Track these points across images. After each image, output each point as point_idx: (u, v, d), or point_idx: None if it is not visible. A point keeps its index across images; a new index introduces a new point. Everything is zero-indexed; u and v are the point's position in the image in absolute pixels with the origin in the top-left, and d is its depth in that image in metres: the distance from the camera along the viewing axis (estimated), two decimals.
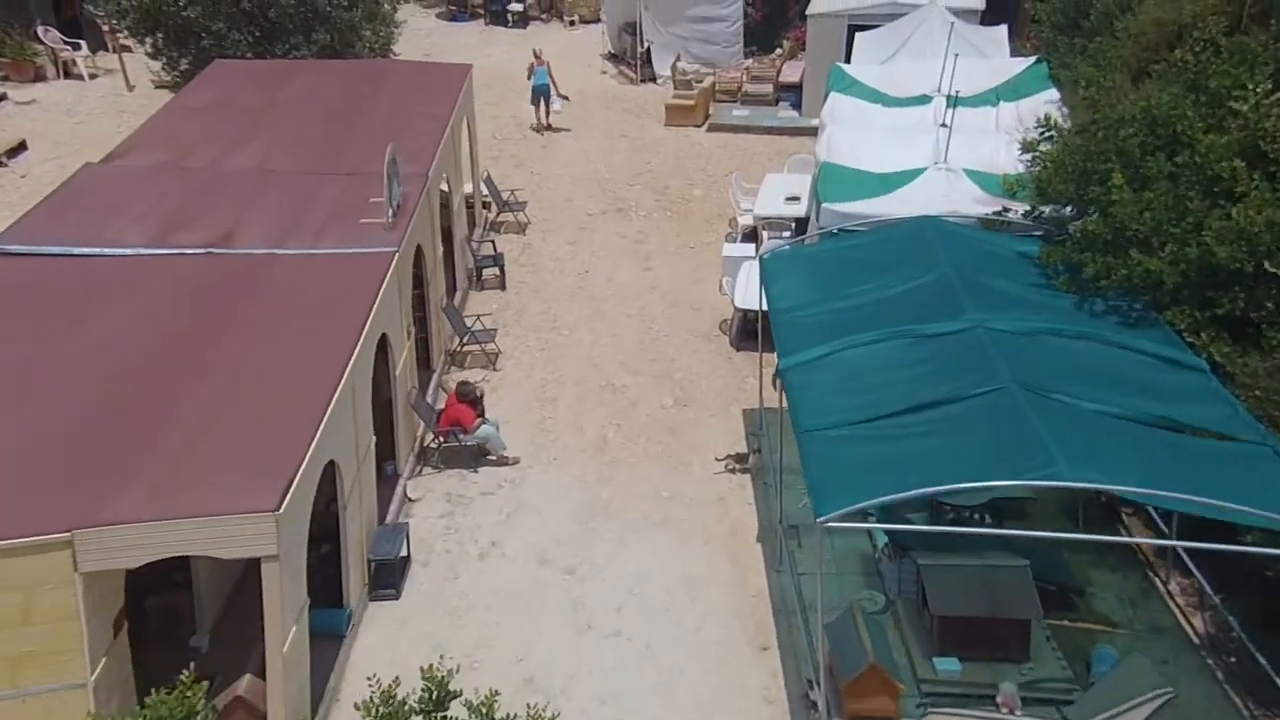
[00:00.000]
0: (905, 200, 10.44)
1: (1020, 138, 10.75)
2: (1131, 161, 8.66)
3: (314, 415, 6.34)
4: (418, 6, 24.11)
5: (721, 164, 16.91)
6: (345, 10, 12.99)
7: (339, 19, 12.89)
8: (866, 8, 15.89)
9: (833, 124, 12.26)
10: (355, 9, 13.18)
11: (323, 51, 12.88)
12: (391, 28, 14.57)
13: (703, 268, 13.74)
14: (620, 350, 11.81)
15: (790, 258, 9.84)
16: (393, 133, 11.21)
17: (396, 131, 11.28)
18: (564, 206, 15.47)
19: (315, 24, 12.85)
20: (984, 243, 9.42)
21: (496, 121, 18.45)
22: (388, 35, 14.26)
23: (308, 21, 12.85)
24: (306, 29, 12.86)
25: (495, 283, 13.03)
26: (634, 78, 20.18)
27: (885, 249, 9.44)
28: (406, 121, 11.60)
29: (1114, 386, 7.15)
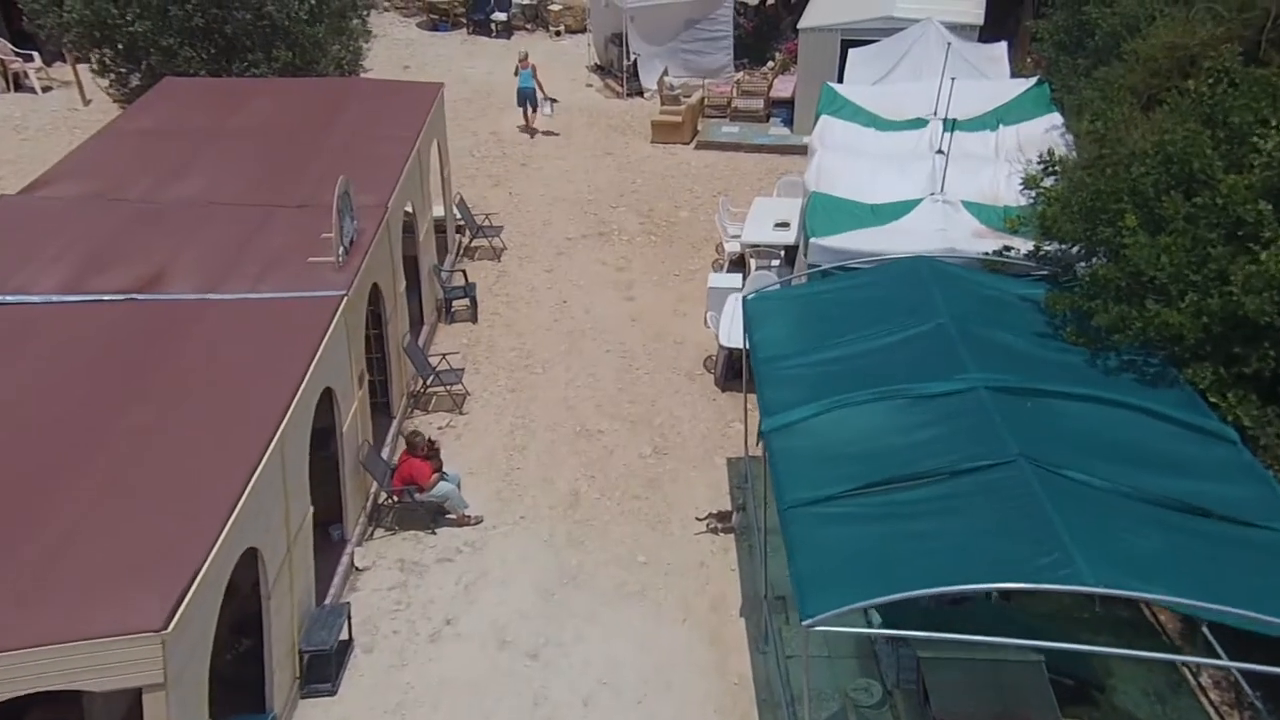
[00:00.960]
0: (900, 234, 9.71)
1: (1022, 168, 10.06)
2: (1145, 201, 7.96)
3: (228, 498, 5.56)
4: (397, 16, 23.37)
5: (709, 184, 16.18)
6: (308, 25, 12.25)
7: (301, 34, 12.15)
8: (860, 22, 15.19)
9: (822, 150, 11.53)
10: (319, 24, 12.42)
11: (284, 69, 12.13)
12: (361, 42, 13.81)
13: (688, 298, 13.00)
14: (597, 391, 11.05)
15: (776, 300, 9.10)
16: (353, 158, 10.48)
17: (358, 157, 10.54)
18: (542, 230, 14.72)
19: (275, 40, 12.09)
20: (984, 286, 8.68)
21: (475, 138, 17.70)
22: (356, 51, 13.50)
23: (267, 37, 12.08)
24: (266, 45, 12.10)
25: (466, 315, 12.27)
26: (620, 91, 19.45)
27: (878, 292, 8.71)
28: (369, 145, 10.84)
29: (1132, 460, 6.43)
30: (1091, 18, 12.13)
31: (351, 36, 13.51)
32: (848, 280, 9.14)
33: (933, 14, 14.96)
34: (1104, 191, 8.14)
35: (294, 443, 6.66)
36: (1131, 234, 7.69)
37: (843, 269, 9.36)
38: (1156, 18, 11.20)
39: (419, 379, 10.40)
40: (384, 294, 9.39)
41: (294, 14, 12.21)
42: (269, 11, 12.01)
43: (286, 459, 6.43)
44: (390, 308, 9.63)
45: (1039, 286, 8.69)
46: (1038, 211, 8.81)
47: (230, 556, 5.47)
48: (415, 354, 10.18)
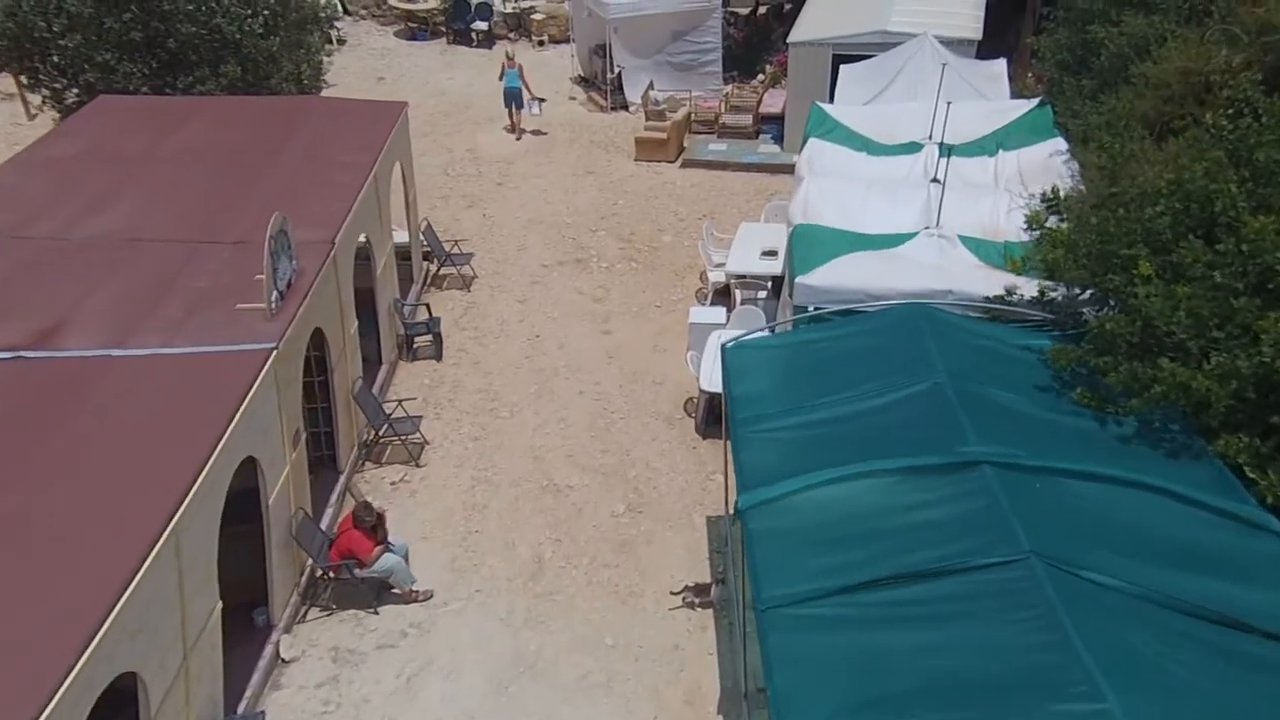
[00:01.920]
0: (892, 272, 8.88)
1: (1024, 201, 9.25)
2: (1161, 246, 7.16)
3: (93, 614, 4.67)
4: (374, 24, 22.52)
5: (695, 205, 15.36)
6: (260, 39, 11.40)
7: (253, 49, 11.30)
8: (852, 36, 14.38)
9: (810, 176, 10.70)
10: (273, 37, 11.57)
11: (234, 86, 11.29)
12: (321, 56, 12.95)
13: (668, 332, 12.17)
14: (568, 438, 10.20)
15: (757, 349, 8.27)
16: (302, 186, 9.65)
17: (307, 185, 9.71)
18: (516, 257, 13.87)
19: (224, 54, 11.24)
20: (983, 337, 7.87)
21: (450, 155, 16.86)
22: (316, 66, 12.64)
23: (215, 52, 11.23)
24: (214, 60, 11.25)
25: (430, 352, 11.42)
26: (604, 105, 18.63)
27: (869, 342, 7.90)
28: (321, 172, 10.00)
29: (1159, 557, 5.60)
30: (1097, 37, 11.32)
31: (311, 51, 12.64)
32: (836, 328, 8.31)
33: (928, 28, 14.17)
34: (1115, 234, 7.34)
35: (197, 529, 5.80)
36: (1145, 282, 6.90)
37: (831, 315, 8.56)
38: (1168, 39, 10.40)
39: (371, 429, 9.53)
40: (329, 339, 8.54)
41: (246, 27, 11.35)
42: (218, 24, 11.17)
43: (185, 551, 5.57)
44: (337, 353, 8.78)
45: (1043, 337, 7.90)
46: (1041, 252, 8.01)
47: (94, 685, 4.59)
48: (367, 401, 9.32)
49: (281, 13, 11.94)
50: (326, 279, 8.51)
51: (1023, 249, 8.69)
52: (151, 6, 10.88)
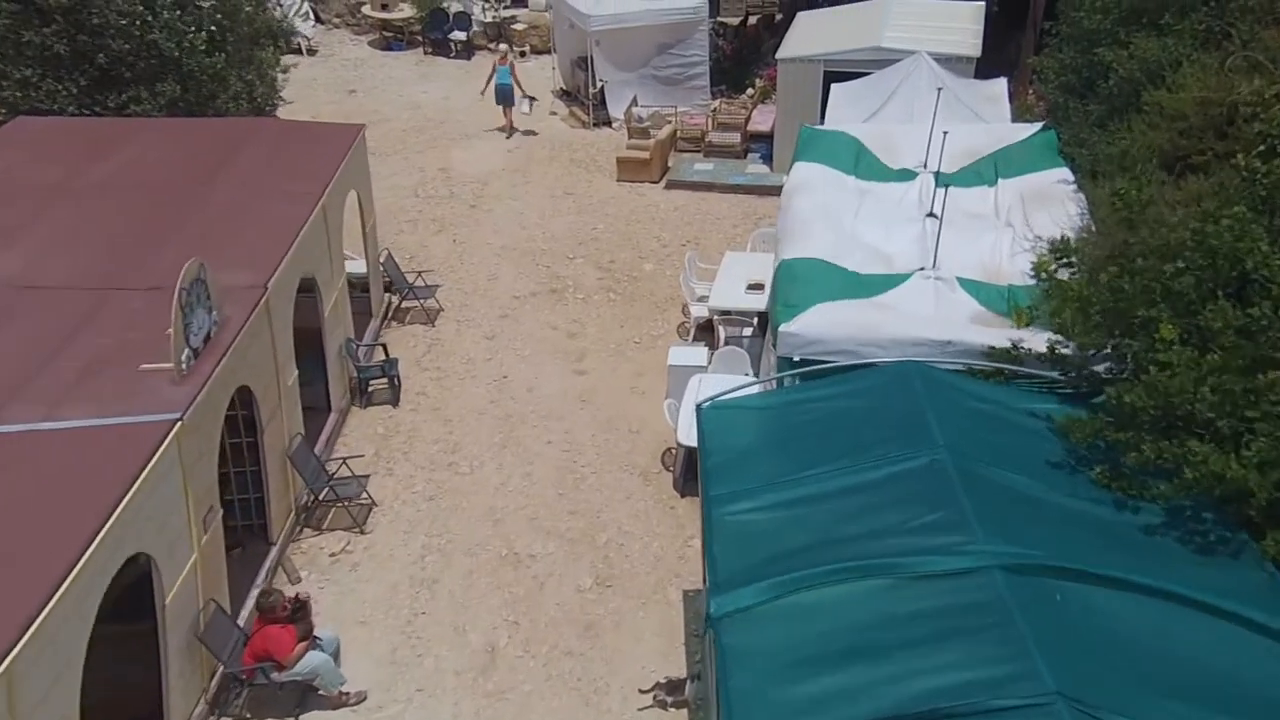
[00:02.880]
0: (884, 321, 7.97)
1: (1028, 243, 8.36)
2: (1185, 307, 6.29)
3: None
4: (348, 33, 21.58)
5: (679, 230, 14.45)
6: (204, 55, 10.48)
7: (195, 66, 10.36)
8: (845, 53, 13.50)
9: (795, 207, 9.81)
10: (219, 53, 10.64)
11: (173, 106, 10.38)
12: (276, 73, 12.02)
13: (647, 372, 11.25)
14: (533, 497, 9.27)
15: (735, 412, 7.38)
16: (237, 221, 8.73)
17: (243, 219, 8.79)
18: (487, 287, 12.94)
19: (162, 72, 10.32)
20: (986, 402, 7.01)
21: (421, 175, 15.93)
22: (269, 84, 11.70)
23: (151, 69, 10.31)
24: (150, 78, 10.33)
25: (385, 396, 10.49)
26: (586, 120, 17.73)
27: (859, 405, 7.04)
28: (262, 204, 9.08)
29: (1204, 695, 4.72)
30: (1104, 59, 10.43)
31: (263, 68, 11.69)
32: (823, 389, 7.43)
33: (925, 44, 13.31)
34: (1132, 293, 6.47)
35: (64, 640, 4.86)
36: (1168, 350, 6.03)
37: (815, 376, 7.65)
38: (1183, 64, 9.52)
39: (310, 493, 8.57)
40: (259, 396, 7.60)
41: (187, 43, 10.41)
42: (154, 40, 10.23)
43: (36, 681, 4.62)
44: (270, 411, 7.84)
45: (1052, 400, 7.04)
46: (1050, 308, 7.12)
47: None
48: (306, 462, 8.37)
49: (229, 26, 11.00)
50: (256, 330, 7.59)
51: (1028, 294, 7.81)
52: (78, 19, 9.92)
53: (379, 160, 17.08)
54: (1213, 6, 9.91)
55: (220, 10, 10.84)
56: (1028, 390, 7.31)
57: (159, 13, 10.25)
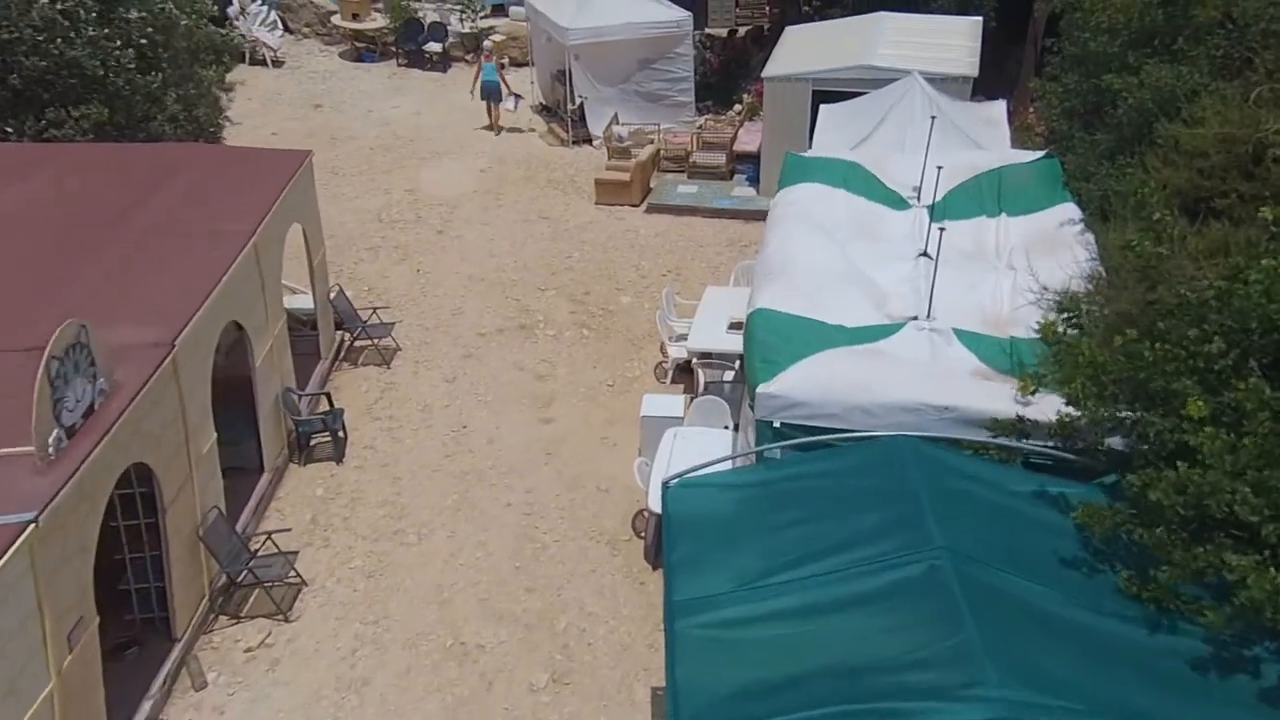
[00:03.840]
0: (874, 383, 7.02)
1: (1033, 292, 7.43)
2: (1214, 379, 5.38)
3: None
4: (317, 44, 20.61)
5: (659, 258, 13.50)
6: (136, 74, 9.50)
7: (125, 85, 9.38)
8: (835, 71, 12.57)
9: (776, 242, 8.87)
10: (153, 72, 9.66)
11: (100, 130, 9.41)
12: (219, 92, 11.02)
13: (620, 419, 10.30)
14: (486, 572, 8.29)
15: (706, 492, 6.41)
16: (151, 265, 7.75)
17: (158, 262, 7.82)
18: (450, 322, 11.97)
19: (86, 92, 9.35)
20: (989, 486, 6.08)
21: (386, 198, 14.96)
22: (212, 105, 10.70)
23: (74, 89, 9.34)
24: (72, 98, 9.35)
25: (328, 451, 9.49)
26: (565, 138, 16.79)
27: (845, 493, 6.13)
28: (181, 244, 8.10)
29: None
30: (1112, 86, 9.49)
31: (203, 87, 10.70)
32: (805, 466, 6.48)
33: (919, 63, 12.39)
34: (1151, 362, 5.55)
35: None
36: (1198, 433, 5.13)
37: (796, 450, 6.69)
38: (1201, 94, 8.59)
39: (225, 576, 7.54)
40: (160, 473, 6.61)
41: (114, 60, 9.43)
42: (76, 58, 9.25)
43: None
44: (175, 487, 6.85)
45: (1065, 482, 6.12)
46: (1059, 374, 6.18)
47: None
48: (221, 541, 7.35)
49: (164, 43, 10.02)
50: (158, 396, 6.60)
51: (1032, 348, 6.86)
52: None
53: (342, 181, 16.14)
54: (1231, 31, 9.00)
55: (152, 24, 9.86)
56: (1035, 467, 6.39)
57: (80, 28, 9.27)
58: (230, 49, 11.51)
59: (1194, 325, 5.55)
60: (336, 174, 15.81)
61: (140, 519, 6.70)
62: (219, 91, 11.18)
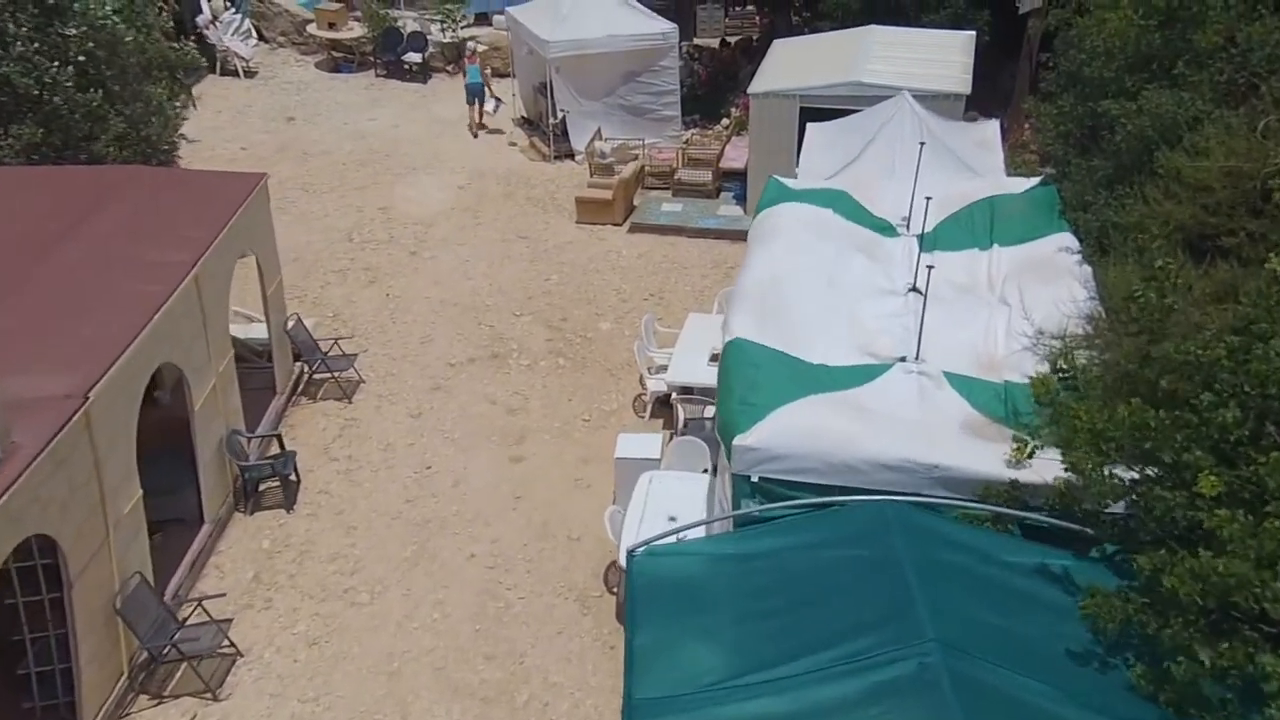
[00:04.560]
0: (861, 431, 6.40)
1: (1029, 334, 6.81)
2: (1230, 449, 4.78)
3: None
4: (294, 53, 19.96)
5: (642, 281, 12.87)
6: (76, 91, 8.85)
7: (64, 103, 8.73)
8: (822, 88, 11.94)
9: (756, 266, 8.24)
10: (94, 90, 9.00)
11: (35, 151, 8.74)
12: (172, 110, 10.35)
13: (595, 459, 9.65)
14: (443, 636, 7.62)
15: (675, 566, 5.75)
16: (71, 304, 7.09)
17: (83, 300, 7.16)
18: (419, 352, 11.32)
19: (19, 111, 8.69)
20: (984, 561, 5.50)
21: (359, 215, 14.31)
22: (165, 123, 10.03)
23: (5, 107, 8.67)
24: (3, 117, 8.68)
25: (277, 498, 8.83)
26: (547, 153, 16.16)
27: (826, 569, 5.49)
28: (112, 279, 7.46)
29: None
30: (1110, 113, 8.88)
31: (150, 105, 10.02)
32: (783, 537, 5.84)
33: (910, 79, 11.78)
34: (1159, 430, 4.93)
35: None
36: (1213, 513, 4.54)
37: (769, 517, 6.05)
38: (1204, 122, 7.98)
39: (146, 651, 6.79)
40: (64, 545, 5.94)
41: (49, 78, 8.77)
42: (5, 75, 8.58)
43: None
44: (84, 558, 6.16)
45: (1066, 556, 5.52)
46: (1056, 436, 5.56)
47: None
48: (142, 612, 6.63)
49: (106, 59, 9.36)
50: (65, 456, 5.94)
51: (1027, 395, 6.23)
52: None
53: (312, 198, 15.48)
54: (1234, 56, 8.40)
55: (93, 39, 9.21)
56: (1032, 530, 5.77)
57: (9, 44, 8.61)
58: (185, 64, 10.84)
59: (1204, 386, 4.95)
60: (307, 191, 15.17)
61: (44, 594, 6.03)
62: (173, 109, 10.50)
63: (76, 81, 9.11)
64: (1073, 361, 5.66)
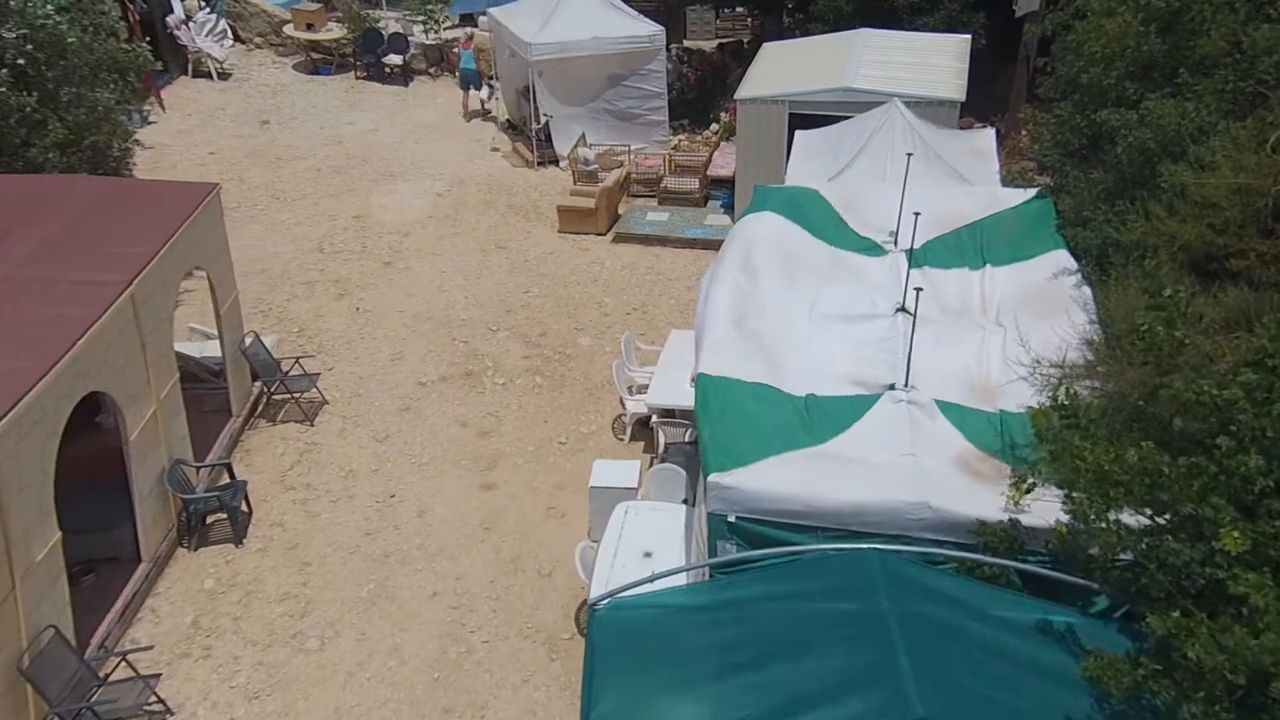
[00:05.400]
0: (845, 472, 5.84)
1: (1028, 370, 6.23)
2: (1252, 501, 4.23)
3: None
4: (270, 55, 19.36)
5: (625, 294, 12.28)
6: (9, 94, 8.22)
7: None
8: (811, 94, 11.35)
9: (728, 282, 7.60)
10: (29, 92, 8.39)
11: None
12: (123, 117, 9.71)
13: (570, 484, 9.06)
14: (398, 688, 7.00)
15: (642, 623, 5.16)
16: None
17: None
18: (388, 370, 10.71)
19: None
20: (977, 619, 4.94)
21: (331, 224, 13.71)
22: (113, 129, 9.42)
23: None
24: None
25: (224, 533, 8.21)
26: (530, 158, 15.58)
27: (805, 624, 4.87)
28: (35, 299, 6.83)
29: None
30: (1109, 123, 8.29)
31: (96, 111, 9.40)
32: (760, 587, 5.25)
33: (901, 85, 11.19)
34: (1173, 480, 4.35)
35: None
36: (1240, 578, 4.01)
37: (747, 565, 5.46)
38: (1210, 135, 7.39)
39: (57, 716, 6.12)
40: None
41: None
42: None
43: None
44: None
45: (1070, 614, 4.96)
46: (1058, 476, 4.97)
47: None
48: (54, 673, 5.95)
49: (46, 60, 8.77)
50: None
51: (1024, 426, 5.63)
52: None
53: (283, 206, 14.87)
54: (1239, 63, 7.83)
55: (32, 40, 8.61)
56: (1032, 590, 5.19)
57: None
58: (137, 66, 10.24)
59: (1220, 428, 4.38)
60: (278, 198, 14.57)
61: None
62: (124, 113, 9.89)
63: (11, 85, 8.50)
64: (1074, 396, 5.06)
